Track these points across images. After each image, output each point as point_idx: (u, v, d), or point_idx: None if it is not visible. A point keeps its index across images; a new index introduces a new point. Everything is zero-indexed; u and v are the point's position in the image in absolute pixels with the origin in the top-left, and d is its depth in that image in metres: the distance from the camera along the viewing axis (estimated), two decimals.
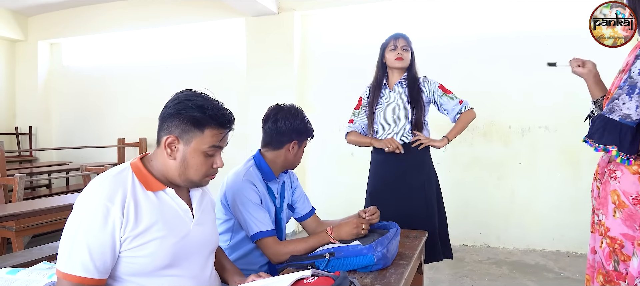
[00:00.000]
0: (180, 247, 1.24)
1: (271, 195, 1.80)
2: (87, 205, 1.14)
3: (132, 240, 1.16)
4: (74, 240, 1.12)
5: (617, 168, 1.53)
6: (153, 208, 1.21)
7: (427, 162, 2.46)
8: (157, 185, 1.24)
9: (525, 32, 4.36)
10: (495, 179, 4.48)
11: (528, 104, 4.37)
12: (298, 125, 1.81)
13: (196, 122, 1.23)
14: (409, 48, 2.47)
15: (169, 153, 1.24)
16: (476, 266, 3.92)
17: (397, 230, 1.77)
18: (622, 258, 1.47)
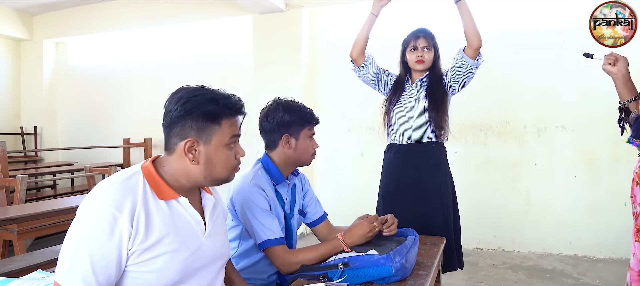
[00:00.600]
0: (191, 262, 1.13)
1: (280, 200, 1.69)
2: (93, 212, 1.02)
3: (141, 253, 1.04)
4: (75, 250, 1.00)
5: None
6: (165, 218, 1.09)
7: (443, 163, 2.33)
8: (170, 193, 1.12)
9: (542, 28, 4.22)
10: (510, 181, 4.33)
11: (544, 103, 4.22)
12: (281, 118, 1.68)
13: (212, 116, 1.13)
14: (432, 45, 2.33)
15: (191, 159, 1.13)
16: (491, 271, 3.78)
17: (416, 237, 1.65)
18: None
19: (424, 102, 2.28)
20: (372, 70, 2.43)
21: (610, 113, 3.96)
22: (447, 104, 2.32)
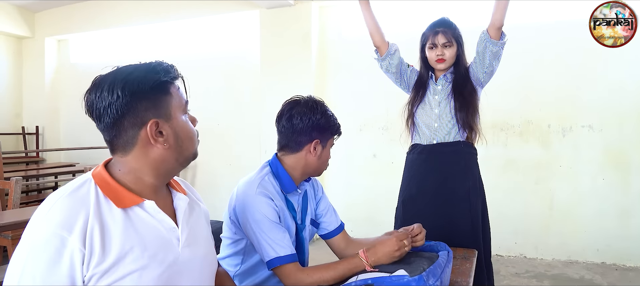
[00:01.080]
0: (167, 278, 0.92)
1: (291, 210, 1.46)
2: (35, 236, 0.81)
3: (100, 277, 0.83)
4: (21, 277, 0.80)
5: None
6: (127, 231, 0.88)
7: (473, 167, 2.10)
8: (131, 198, 0.92)
9: (566, 20, 3.96)
10: (533, 183, 4.08)
11: (569, 101, 3.97)
12: (318, 121, 1.45)
13: (161, 87, 0.97)
14: (453, 40, 2.07)
15: (162, 142, 0.94)
16: (514, 280, 3.54)
17: (450, 253, 1.42)
18: None
19: (449, 100, 2.05)
20: (396, 61, 2.20)
21: None
22: (476, 102, 2.10)
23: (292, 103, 1.50)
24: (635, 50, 3.67)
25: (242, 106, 5.13)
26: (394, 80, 2.24)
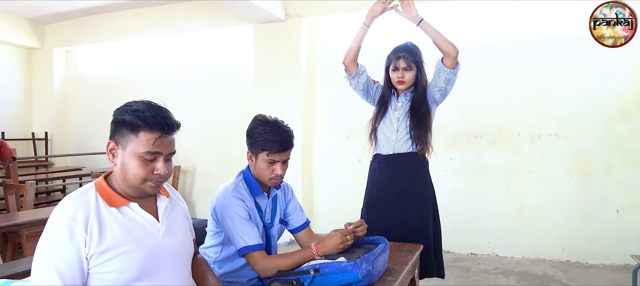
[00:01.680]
0: (150, 260, 1.25)
1: (259, 211, 1.80)
2: (53, 225, 1.16)
3: (98, 256, 1.17)
4: (42, 260, 1.14)
5: None
6: (117, 224, 1.22)
7: (424, 174, 2.42)
8: (120, 200, 1.26)
9: (536, 37, 4.29)
10: (504, 187, 4.41)
11: (538, 111, 4.29)
12: (251, 134, 1.77)
13: (129, 126, 1.24)
14: (413, 63, 2.37)
15: (110, 160, 1.27)
16: (482, 276, 3.86)
17: (386, 245, 1.76)
18: None
19: (406, 117, 2.37)
20: (364, 80, 2.51)
21: (604, 121, 4.05)
22: (429, 121, 2.40)
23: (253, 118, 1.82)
24: (598, 66, 4.00)
25: (239, 114, 5.45)
26: (361, 96, 2.58)
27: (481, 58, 4.44)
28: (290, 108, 4.94)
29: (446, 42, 2.29)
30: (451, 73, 2.33)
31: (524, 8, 4.34)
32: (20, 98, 6.66)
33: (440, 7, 4.60)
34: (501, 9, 4.44)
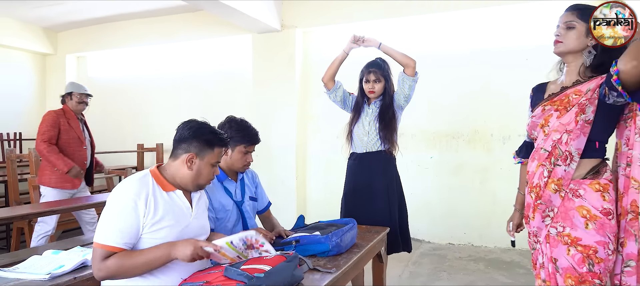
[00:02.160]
0: (183, 235, 1.70)
1: (228, 192, 2.24)
2: (121, 197, 1.60)
3: (151, 226, 1.61)
4: (109, 221, 1.58)
5: (579, 187, 1.72)
6: (166, 204, 1.67)
7: (390, 169, 2.88)
8: (170, 187, 1.71)
9: (507, 47, 4.74)
10: (479, 183, 4.86)
11: (508, 114, 4.73)
12: None
13: (210, 143, 1.73)
14: (381, 76, 2.83)
15: (188, 166, 1.71)
16: (456, 262, 4.32)
17: (353, 225, 2.22)
18: (597, 261, 1.65)
19: (376, 121, 2.84)
20: (340, 93, 3.00)
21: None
22: (395, 124, 2.86)
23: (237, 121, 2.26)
24: None
25: None
26: (339, 106, 3.05)
27: (458, 66, 4.91)
28: (285, 112, 5.40)
29: (403, 57, 2.76)
30: (413, 80, 2.81)
31: (497, 21, 4.80)
32: (35, 101, 7.12)
33: (421, 20, 5.05)
34: (477, 21, 4.90)
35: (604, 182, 1.71)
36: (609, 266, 1.67)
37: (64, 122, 3.92)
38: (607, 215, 1.67)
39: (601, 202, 1.68)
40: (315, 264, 1.89)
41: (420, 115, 4.98)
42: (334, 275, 1.79)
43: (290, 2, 5.41)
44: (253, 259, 1.63)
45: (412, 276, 3.91)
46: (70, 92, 4.03)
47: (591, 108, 1.71)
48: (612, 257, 1.67)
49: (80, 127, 4.08)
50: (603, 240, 1.66)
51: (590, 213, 1.68)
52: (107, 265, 1.54)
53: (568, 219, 1.72)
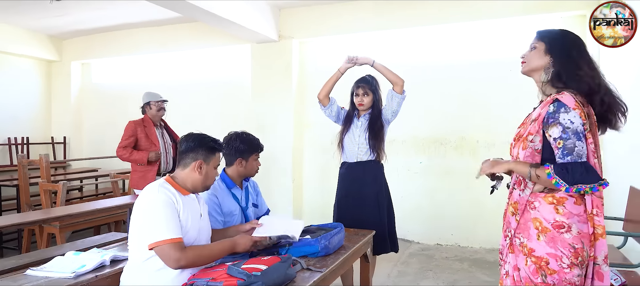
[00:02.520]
0: (198, 232, 2.00)
1: (235, 198, 2.51)
2: (160, 199, 1.86)
3: (182, 222, 1.90)
4: (161, 219, 1.82)
5: (535, 199, 1.74)
6: (186, 206, 1.95)
7: (379, 176, 3.15)
8: (185, 192, 2.00)
9: (492, 59, 5.02)
10: (465, 187, 5.13)
11: (493, 122, 5.01)
12: (238, 146, 2.54)
13: (213, 150, 2.05)
14: (370, 91, 3.11)
15: (199, 172, 2.01)
16: (442, 262, 4.59)
17: (341, 228, 2.48)
18: (550, 272, 1.67)
19: (365, 132, 3.11)
20: (335, 109, 3.28)
21: None
22: (383, 135, 3.12)
23: (224, 138, 2.52)
24: None
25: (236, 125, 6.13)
26: (333, 120, 3.31)
27: (447, 77, 5.19)
28: (283, 119, 5.67)
29: (393, 76, 3.03)
30: (401, 97, 3.07)
31: (483, 35, 5.08)
32: (41, 106, 7.38)
33: (413, 33, 5.33)
34: (465, 35, 5.18)
35: (559, 196, 1.70)
36: (565, 278, 1.66)
37: (141, 131, 4.15)
38: (558, 228, 1.68)
39: (554, 214, 1.69)
40: (306, 264, 2.16)
41: (411, 123, 5.26)
42: (322, 273, 2.06)
43: (287, 13, 5.68)
44: (252, 259, 1.90)
45: (400, 275, 4.18)
46: (148, 102, 4.25)
47: (539, 138, 1.74)
48: (568, 270, 1.66)
49: (157, 135, 4.24)
50: (554, 253, 1.67)
51: (542, 225, 1.70)
52: (187, 255, 1.83)
53: (526, 230, 1.76)
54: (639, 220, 3.01)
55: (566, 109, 1.65)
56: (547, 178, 1.64)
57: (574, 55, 1.75)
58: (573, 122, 1.65)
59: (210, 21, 4.89)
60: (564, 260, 1.66)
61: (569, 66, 1.73)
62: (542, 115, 1.71)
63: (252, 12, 5.17)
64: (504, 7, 4.76)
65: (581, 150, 1.65)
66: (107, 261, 2.23)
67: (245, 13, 5.02)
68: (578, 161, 1.64)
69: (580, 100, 1.69)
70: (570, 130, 1.65)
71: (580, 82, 1.71)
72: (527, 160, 1.75)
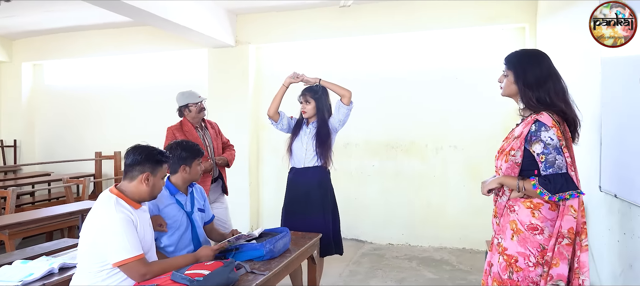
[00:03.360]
0: (151, 242, 2.10)
1: (179, 204, 2.58)
2: (118, 216, 1.94)
3: None
4: (122, 237, 1.90)
5: (515, 203, 1.93)
6: (140, 219, 2.05)
7: (324, 181, 3.30)
8: (136, 205, 2.08)
9: (440, 68, 5.28)
10: (415, 189, 5.38)
11: (441, 127, 5.28)
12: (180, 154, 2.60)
13: (159, 162, 2.13)
14: (312, 98, 3.26)
15: (146, 184, 2.08)
16: (392, 261, 4.81)
17: (286, 233, 2.62)
18: (516, 270, 1.87)
19: (313, 139, 3.26)
20: (285, 121, 3.42)
21: (490, 136, 5.09)
22: (330, 142, 3.27)
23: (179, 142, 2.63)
24: (486, 92, 5.00)
25: None
26: (286, 132, 3.45)
27: (398, 84, 5.41)
28: (240, 121, 5.75)
29: (340, 89, 3.19)
30: (348, 108, 3.24)
31: (432, 44, 5.33)
32: None
33: (365, 41, 5.52)
34: (414, 44, 5.41)
35: (536, 202, 1.89)
36: (529, 276, 1.85)
37: (181, 136, 3.60)
38: (533, 230, 1.87)
39: (530, 217, 1.88)
40: (251, 267, 2.29)
41: (364, 127, 5.46)
42: (265, 276, 2.19)
43: (244, 19, 5.77)
44: (195, 265, 2.01)
45: (351, 274, 4.35)
46: (186, 104, 3.68)
47: (520, 153, 1.93)
48: (533, 269, 1.86)
49: (200, 138, 3.70)
50: (524, 252, 1.87)
51: (517, 226, 1.90)
52: (152, 269, 1.95)
53: (504, 231, 1.96)
54: None
55: (546, 128, 1.86)
56: (532, 188, 1.86)
57: (543, 81, 1.92)
58: (552, 139, 1.86)
59: (165, 27, 4.91)
60: (531, 258, 1.87)
61: (539, 93, 1.92)
62: (524, 134, 1.92)
63: (208, 18, 5.22)
64: (451, 18, 5.01)
65: (561, 163, 1.86)
66: (56, 269, 2.29)
67: (201, 19, 5.07)
68: (559, 172, 1.85)
69: (557, 119, 1.90)
70: (551, 146, 1.86)
71: (553, 106, 1.91)
72: (507, 171, 1.95)
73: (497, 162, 2.08)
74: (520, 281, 1.86)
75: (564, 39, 3.79)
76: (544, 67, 1.95)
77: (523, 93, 1.97)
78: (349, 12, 5.33)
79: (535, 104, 1.93)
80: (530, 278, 1.86)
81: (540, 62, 1.97)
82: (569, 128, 1.95)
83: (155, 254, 2.21)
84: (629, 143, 2.31)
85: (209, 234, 2.81)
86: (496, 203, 2.08)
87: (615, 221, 2.60)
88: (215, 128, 3.99)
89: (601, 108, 2.66)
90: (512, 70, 2.02)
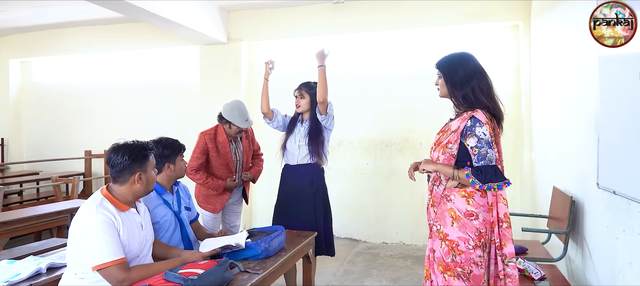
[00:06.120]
0: (140, 245, 2.02)
1: (166, 203, 2.52)
2: (99, 219, 1.85)
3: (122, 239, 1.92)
4: (102, 240, 1.82)
5: (450, 193, 2.10)
6: (124, 222, 1.95)
7: (317, 179, 3.25)
8: (125, 207, 2.00)
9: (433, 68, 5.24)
10: (409, 187, 5.34)
11: (434, 126, 5.19)
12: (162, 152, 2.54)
13: (146, 157, 2.05)
14: (306, 93, 3.22)
15: (140, 183, 2.02)
16: (386, 260, 4.77)
17: (282, 231, 2.57)
18: (459, 253, 2.03)
19: (306, 137, 3.21)
20: (280, 119, 3.37)
21: None
22: (322, 140, 3.22)
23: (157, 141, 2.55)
24: None
25: (184, 126, 6.12)
26: (280, 130, 3.40)
27: (392, 83, 5.38)
28: None
29: (321, 95, 3.09)
30: (323, 118, 3.19)
31: (426, 42, 5.31)
32: None
33: (359, 38, 5.48)
34: (408, 42, 5.39)
35: (470, 191, 2.08)
36: (470, 258, 2.02)
37: (213, 147, 3.46)
38: (469, 216, 2.05)
39: (466, 205, 2.06)
40: (246, 266, 2.23)
41: (358, 126, 5.42)
42: (260, 275, 2.14)
43: (236, 16, 5.70)
44: (189, 264, 1.95)
45: (346, 274, 4.31)
46: (229, 122, 3.46)
47: (456, 146, 2.12)
48: (472, 251, 2.03)
49: (231, 150, 3.57)
50: (464, 236, 2.04)
51: (456, 214, 2.07)
52: (131, 275, 1.85)
53: (443, 219, 2.12)
54: (560, 217, 3.26)
55: (480, 124, 2.06)
56: (465, 178, 2.05)
57: (467, 80, 2.15)
58: (485, 134, 2.06)
59: (157, 23, 4.83)
60: (470, 242, 2.04)
61: (465, 91, 2.14)
62: (460, 128, 2.11)
63: (200, 15, 5.15)
64: (445, 16, 4.99)
65: (492, 156, 2.06)
66: (44, 269, 2.22)
67: (193, 15, 5.00)
68: (489, 165, 2.05)
69: (489, 116, 2.10)
70: (484, 141, 2.06)
71: (478, 102, 2.12)
72: (444, 162, 2.17)
73: (433, 154, 2.27)
74: (463, 263, 2.03)
75: (558, 36, 3.78)
76: (468, 68, 2.17)
77: (451, 93, 2.21)
78: (342, 9, 5.29)
79: (462, 102, 2.15)
80: (472, 260, 2.03)
81: (464, 63, 2.21)
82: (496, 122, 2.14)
83: (151, 257, 2.14)
84: (628, 138, 2.28)
85: (195, 233, 2.75)
86: (433, 192, 2.25)
87: (614, 219, 2.57)
88: (250, 135, 3.79)
89: (599, 104, 2.64)
90: (443, 74, 2.26)
